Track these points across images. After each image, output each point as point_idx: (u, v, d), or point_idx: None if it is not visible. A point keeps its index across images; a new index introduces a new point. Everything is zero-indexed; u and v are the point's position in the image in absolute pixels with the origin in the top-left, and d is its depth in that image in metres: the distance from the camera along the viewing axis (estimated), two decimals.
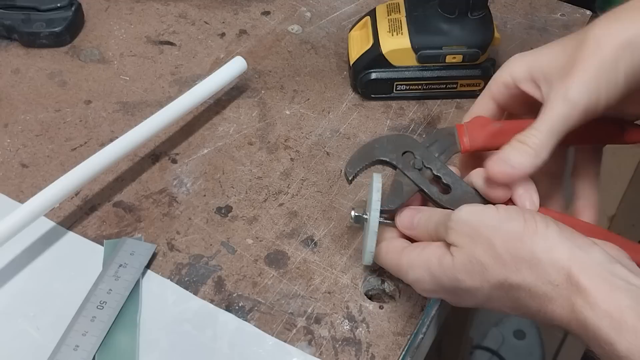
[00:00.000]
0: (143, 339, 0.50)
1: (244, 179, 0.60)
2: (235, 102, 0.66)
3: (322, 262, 0.54)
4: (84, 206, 0.58)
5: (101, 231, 0.56)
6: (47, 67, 0.69)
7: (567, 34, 0.47)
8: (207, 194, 0.59)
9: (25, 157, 0.61)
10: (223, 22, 0.74)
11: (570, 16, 0.77)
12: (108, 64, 0.69)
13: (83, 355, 0.47)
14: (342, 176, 0.60)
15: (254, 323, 0.51)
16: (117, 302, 0.50)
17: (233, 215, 0.57)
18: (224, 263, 0.54)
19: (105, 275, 0.52)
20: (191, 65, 0.69)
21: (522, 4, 0.78)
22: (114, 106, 0.65)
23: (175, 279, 0.53)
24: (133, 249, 0.54)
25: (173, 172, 0.60)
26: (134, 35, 0.72)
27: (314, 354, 0.49)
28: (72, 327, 0.49)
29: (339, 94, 0.67)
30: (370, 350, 0.49)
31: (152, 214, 0.57)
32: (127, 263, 0.53)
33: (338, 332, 0.50)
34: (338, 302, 0.52)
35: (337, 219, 0.57)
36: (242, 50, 0.71)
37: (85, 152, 0.61)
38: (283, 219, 0.57)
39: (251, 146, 0.63)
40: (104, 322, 0.49)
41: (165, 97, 0.66)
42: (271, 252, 0.55)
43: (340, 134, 0.64)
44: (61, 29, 0.70)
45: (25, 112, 0.65)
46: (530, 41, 0.74)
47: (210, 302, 0.52)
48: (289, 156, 0.62)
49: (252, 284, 0.53)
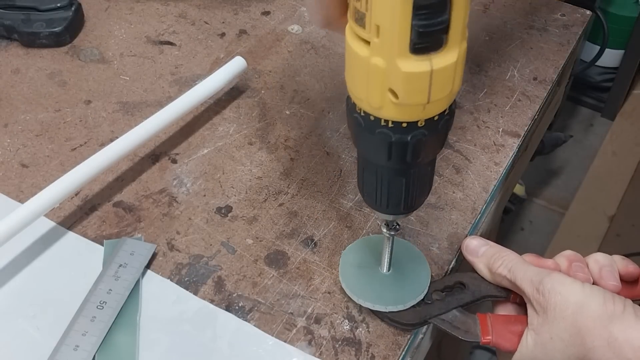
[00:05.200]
0: (143, 339, 0.50)
1: (244, 179, 0.60)
2: (235, 102, 0.66)
3: (322, 262, 0.54)
4: (84, 206, 0.58)
5: (101, 231, 0.56)
6: (47, 67, 0.69)
7: (567, 34, 0.47)
8: (207, 194, 0.59)
9: (25, 157, 0.61)
10: (223, 22, 0.74)
11: (570, 16, 0.77)
12: (108, 64, 0.69)
13: (83, 355, 0.47)
14: (342, 176, 0.60)
15: (254, 323, 0.51)
16: (117, 302, 0.50)
17: (233, 215, 0.57)
18: (224, 263, 0.54)
19: (105, 275, 0.52)
20: (191, 65, 0.69)
21: (522, 4, 0.78)
22: (114, 106, 0.65)
23: (175, 279, 0.53)
24: (133, 249, 0.54)
25: (173, 172, 0.60)
26: (134, 35, 0.72)
27: (314, 354, 0.49)
28: (72, 327, 0.49)
29: (339, 94, 0.67)
30: (370, 350, 0.49)
31: (152, 214, 0.57)
32: (127, 263, 0.53)
33: (338, 332, 0.50)
34: (338, 302, 0.52)
35: (337, 219, 0.57)
36: (242, 50, 0.71)
37: (85, 152, 0.61)
38: (283, 219, 0.57)
39: (251, 146, 0.63)
40: (104, 322, 0.49)
41: (165, 97, 0.66)
42: (271, 252, 0.55)
43: (340, 134, 0.64)
44: (61, 29, 0.70)
45: (25, 112, 0.65)
46: (531, 41, 0.74)
47: (210, 302, 0.52)
48: (289, 156, 0.62)
49: (252, 284, 0.53)
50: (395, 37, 0.34)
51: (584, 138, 1.90)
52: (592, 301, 0.43)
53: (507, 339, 0.47)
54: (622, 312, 0.42)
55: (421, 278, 0.51)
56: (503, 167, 0.62)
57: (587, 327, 0.42)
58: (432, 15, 0.34)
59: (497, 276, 0.49)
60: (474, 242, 0.52)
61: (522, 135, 0.65)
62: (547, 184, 1.78)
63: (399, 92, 0.36)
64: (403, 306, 0.50)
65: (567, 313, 0.43)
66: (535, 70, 0.71)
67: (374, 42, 0.35)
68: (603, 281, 0.48)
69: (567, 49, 0.74)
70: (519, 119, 0.66)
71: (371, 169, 0.43)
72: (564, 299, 0.44)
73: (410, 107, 0.37)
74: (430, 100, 0.37)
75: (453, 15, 0.34)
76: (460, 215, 0.58)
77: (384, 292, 0.50)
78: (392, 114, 0.38)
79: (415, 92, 0.36)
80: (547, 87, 0.70)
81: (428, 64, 0.35)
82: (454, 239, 0.56)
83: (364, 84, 0.37)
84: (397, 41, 0.34)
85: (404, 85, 0.35)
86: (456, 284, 0.51)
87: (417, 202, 0.46)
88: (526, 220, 1.73)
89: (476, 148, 0.63)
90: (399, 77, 0.35)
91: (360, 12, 0.35)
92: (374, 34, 0.35)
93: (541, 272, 0.46)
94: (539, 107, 0.68)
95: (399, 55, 0.35)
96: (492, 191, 0.60)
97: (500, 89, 0.69)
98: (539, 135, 0.76)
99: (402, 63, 0.35)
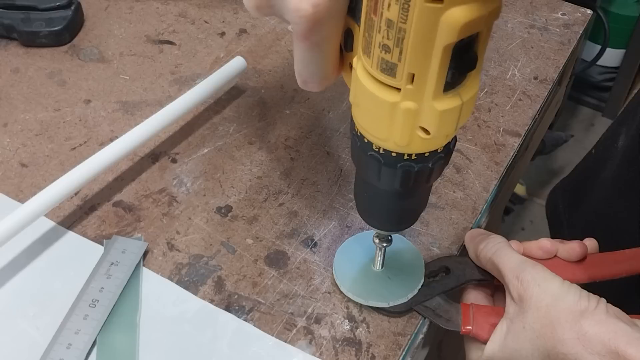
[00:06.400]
0: (143, 339, 0.50)
1: (244, 178, 0.60)
2: (235, 102, 0.66)
3: (322, 262, 0.54)
4: (83, 206, 0.57)
5: (101, 231, 0.56)
6: (47, 66, 0.69)
7: (568, 33, 0.47)
8: (207, 193, 0.59)
9: (25, 157, 0.61)
10: (223, 21, 0.74)
11: (571, 15, 0.77)
12: (108, 63, 0.69)
13: (76, 353, 0.47)
14: (342, 176, 0.60)
15: (253, 323, 0.51)
16: (109, 300, 0.50)
17: (233, 215, 0.57)
18: (224, 263, 0.54)
19: (97, 274, 0.52)
20: (191, 65, 0.69)
21: (522, 3, 0.78)
22: (114, 105, 0.65)
23: (175, 279, 0.53)
24: (125, 247, 0.53)
25: (173, 172, 0.60)
26: (133, 35, 0.72)
27: (314, 354, 0.49)
28: (65, 326, 0.49)
29: (339, 93, 0.67)
30: (371, 351, 0.49)
31: (152, 214, 0.57)
32: (119, 261, 0.52)
33: (338, 332, 0.50)
34: (338, 302, 0.52)
35: (337, 219, 0.57)
36: (242, 50, 0.71)
37: (84, 151, 0.61)
38: (283, 219, 0.57)
39: (251, 146, 0.62)
40: (97, 320, 0.49)
41: (165, 96, 0.66)
42: (271, 252, 0.55)
43: (340, 133, 0.64)
44: (61, 28, 0.69)
45: (24, 111, 0.64)
46: (531, 40, 0.74)
47: (210, 302, 0.52)
48: (289, 156, 0.62)
49: (252, 284, 0.53)
50: (432, 82, 0.34)
51: (585, 138, 1.90)
52: (567, 296, 0.44)
53: (486, 330, 0.48)
54: (595, 308, 0.43)
55: (415, 270, 0.52)
56: (504, 166, 0.62)
57: (558, 319, 0.43)
58: (465, 55, 0.34)
59: (482, 259, 0.50)
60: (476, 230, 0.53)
61: (522, 134, 0.65)
62: (548, 184, 1.78)
63: (432, 129, 0.36)
64: (403, 299, 0.51)
65: (542, 304, 0.44)
66: (536, 70, 0.71)
67: (407, 88, 0.35)
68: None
69: (568, 49, 0.73)
70: (519, 118, 0.66)
71: (376, 193, 0.44)
72: (542, 290, 0.44)
73: (438, 138, 0.38)
74: (457, 128, 0.38)
75: (479, 49, 0.35)
76: (460, 215, 0.58)
77: (377, 287, 0.51)
78: (419, 148, 0.39)
79: (447, 125, 0.37)
80: (548, 87, 0.69)
81: (459, 98, 0.36)
82: (455, 238, 0.56)
83: (388, 125, 0.37)
84: (433, 85, 0.34)
85: (438, 122, 0.36)
86: (441, 268, 0.52)
87: (416, 218, 0.47)
88: (527, 220, 1.73)
89: (477, 147, 0.63)
90: (434, 117, 0.36)
91: (390, 63, 0.34)
92: (406, 82, 0.35)
93: (525, 261, 0.47)
94: (540, 107, 0.68)
95: (434, 97, 0.35)
96: (492, 191, 0.60)
97: (501, 89, 0.69)
98: (540, 134, 0.76)
99: (437, 104, 0.35)
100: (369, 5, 0.34)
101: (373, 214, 0.47)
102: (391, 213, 0.46)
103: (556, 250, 0.50)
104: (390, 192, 0.43)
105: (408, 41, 0.33)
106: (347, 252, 0.53)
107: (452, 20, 0.31)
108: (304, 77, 0.41)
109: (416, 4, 0.31)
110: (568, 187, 0.87)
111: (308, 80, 0.42)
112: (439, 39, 0.32)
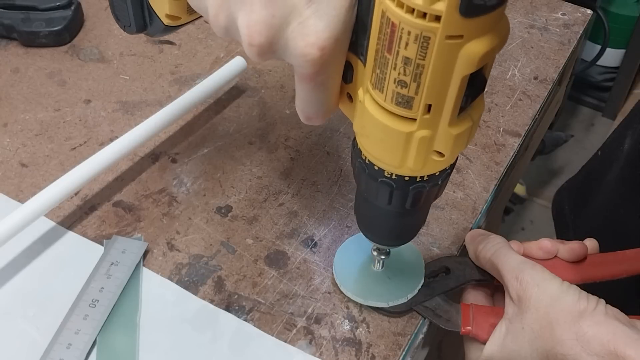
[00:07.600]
0: (143, 339, 0.50)
1: (244, 178, 0.60)
2: (235, 102, 0.66)
3: (322, 262, 0.54)
4: (83, 206, 0.57)
5: (101, 231, 0.56)
6: (47, 66, 0.69)
7: (567, 33, 0.47)
8: (207, 193, 0.59)
9: (25, 157, 0.61)
10: None
11: (571, 15, 0.77)
12: (108, 63, 0.69)
13: (76, 353, 0.47)
14: (342, 176, 0.60)
15: (254, 323, 0.51)
16: (109, 300, 0.50)
17: (233, 215, 0.57)
18: (224, 263, 0.54)
19: (97, 274, 0.52)
20: (191, 65, 0.69)
21: (522, 3, 0.78)
22: (114, 105, 0.65)
23: (175, 279, 0.53)
24: (125, 247, 0.53)
25: (173, 172, 0.60)
26: (133, 34, 0.72)
27: (314, 354, 0.49)
28: (65, 326, 0.49)
29: None
30: (371, 351, 0.49)
31: (152, 214, 0.57)
32: (119, 261, 0.52)
33: (338, 332, 0.50)
34: (338, 302, 0.52)
35: (337, 219, 0.57)
36: (242, 50, 0.71)
37: (84, 151, 0.61)
38: (283, 219, 0.57)
39: (251, 146, 0.62)
40: (97, 320, 0.49)
41: (165, 96, 0.66)
42: (271, 252, 0.55)
43: (340, 133, 0.64)
44: (61, 28, 0.69)
45: (24, 111, 0.64)
46: (531, 40, 0.74)
47: (210, 302, 0.52)
48: (289, 156, 0.62)
49: (252, 284, 0.53)
50: (448, 110, 0.35)
51: (585, 138, 1.90)
52: (566, 297, 0.44)
53: (486, 331, 0.48)
54: (594, 309, 0.43)
55: (415, 271, 0.52)
56: (504, 166, 0.62)
57: (557, 320, 0.43)
58: (476, 79, 0.34)
59: (482, 259, 0.50)
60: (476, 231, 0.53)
61: (522, 134, 0.65)
62: (548, 184, 1.78)
63: (447, 152, 0.37)
64: (403, 299, 0.51)
65: (541, 305, 0.44)
66: (536, 70, 0.71)
67: (423, 118, 0.35)
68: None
69: (568, 49, 0.73)
70: (519, 118, 0.66)
71: (381, 213, 0.44)
72: (541, 291, 0.44)
73: (451, 159, 0.39)
74: (467, 145, 0.39)
75: (487, 71, 0.35)
76: (460, 215, 0.58)
77: (377, 287, 0.51)
78: (432, 170, 0.39)
79: (460, 146, 0.38)
80: (548, 87, 0.69)
81: (470, 119, 0.37)
82: (455, 238, 0.56)
83: (402, 154, 0.37)
84: (449, 113, 0.35)
85: (453, 145, 0.37)
86: (441, 269, 0.52)
87: (417, 232, 0.48)
88: (527, 220, 1.73)
89: (477, 147, 0.63)
90: (449, 141, 0.36)
91: (406, 97, 0.34)
92: (423, 112, 0.35)
93: (525, 262, 0.47)
94: (540, 107, 0.68)
95: (450, 124, 0.35)
96: (492, 191, 0.60)
97: (501, 89, 0.69)
98: (540, 134, 0.76)
99: (452, 129, 0.36)
100: (382, 45, 0.34)
101: (376, 231, 0.47)
102: (394, 230, 0.46)
103: (556, 250, 0.50)
104: (397, 212, 0.43)
105: (426, 76, 0.33)
106: (347, 252, 0.53)
107: (471, 53, 0.32)
108: (308, 114, 0.41)
109: (436, 42, 0.31)
110: (574, 189, 0.87)
111: (312, 117, 0.42)
112: (458, 70, 0.33)
